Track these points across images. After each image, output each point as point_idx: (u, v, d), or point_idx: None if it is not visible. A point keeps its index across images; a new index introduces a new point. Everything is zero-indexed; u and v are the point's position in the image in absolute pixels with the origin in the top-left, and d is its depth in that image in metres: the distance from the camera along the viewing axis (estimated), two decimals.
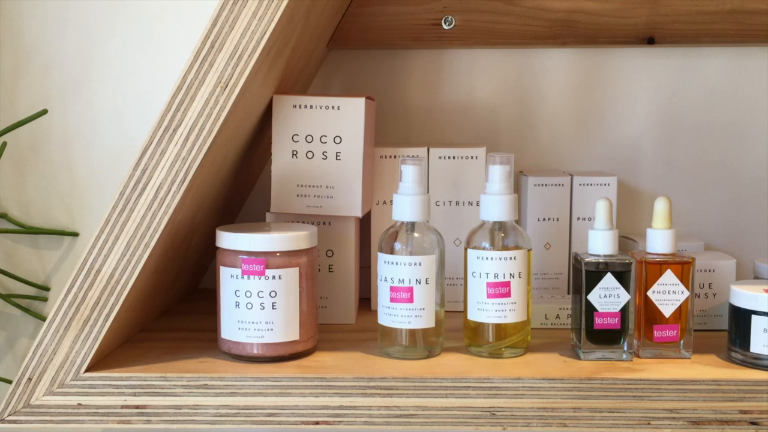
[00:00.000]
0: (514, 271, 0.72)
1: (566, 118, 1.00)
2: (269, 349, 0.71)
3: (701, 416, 0.66)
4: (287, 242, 0.71)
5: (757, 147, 0.99)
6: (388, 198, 0.88)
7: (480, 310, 0.72)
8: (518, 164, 1.01)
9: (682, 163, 1.00)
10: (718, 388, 0.66)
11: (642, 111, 0.99)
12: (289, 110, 0.80)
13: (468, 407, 0.67)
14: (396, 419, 0.67)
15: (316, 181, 0.80)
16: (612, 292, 0.70)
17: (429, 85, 1.00)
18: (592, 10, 0.95)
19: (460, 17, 0.96)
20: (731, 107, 0.99)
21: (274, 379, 0.67)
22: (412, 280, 0.71)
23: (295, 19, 0.71)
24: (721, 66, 0.98)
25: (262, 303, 0.70)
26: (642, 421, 0.66)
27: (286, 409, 0.67)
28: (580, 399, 0.67)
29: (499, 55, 1.00)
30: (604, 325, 0.71)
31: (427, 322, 0.72)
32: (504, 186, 0.73)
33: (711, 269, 0.80)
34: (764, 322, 0.68)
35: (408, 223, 0.73)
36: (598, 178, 0.92)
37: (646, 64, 0.99)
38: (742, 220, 1.00)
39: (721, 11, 0.94)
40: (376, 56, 1.00)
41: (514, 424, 0.67)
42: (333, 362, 0.71)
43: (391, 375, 0.67)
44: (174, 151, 0.65)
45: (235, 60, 0.64)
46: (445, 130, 1.01)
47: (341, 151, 0.80)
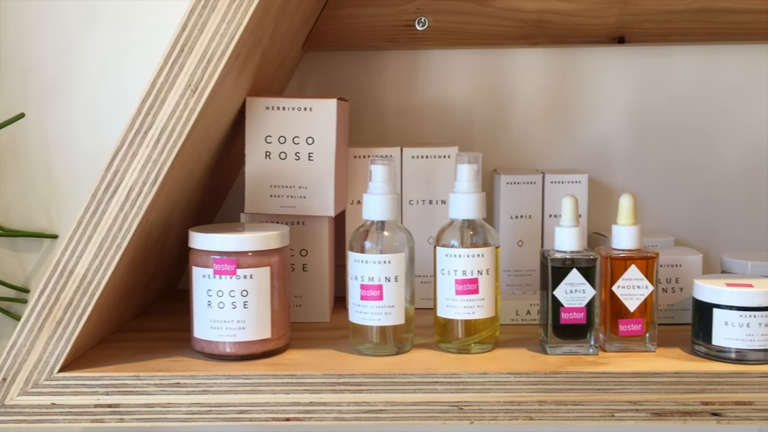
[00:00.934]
0: (482, 268, 0.73)
1: (539, 117, 1.02)
2: (241, 348, 0.72)
3: (664, 408, 0.68)
4: (258, 242, 0.72)
5: (726, 144, 1.01)
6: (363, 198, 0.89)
7: (449, 306, 0.73)
8: (492, 163, 1.02)
9: (653, 160, 1.01)
10: (680, 380, 0.68)
11: (613, 109, 1.01)
12: (262, 112, 0.81)
13: (436, 402, 0.68)
14: (365, 414, 0.68)
15: (289, 182, 0.81)
16: (577, 288, 0.72)
17: (403, 85, 1.02)
18: (562, 10, 0.97)
19: (433, 18, 0.97)
20: (701, 105, 1.01)
21: (245, 376, 0.68)
22: (382, 278, 0.72)
23: (265, 21, 0.72)
24: (690, 64, 1.00)
25: (233, 302, 0.71)
26: (606, 413, 0.68)
27: (257, 406, 0.68)
28: (546, 392, 0.68)
29: (472, 56, 1.01)
30: (570, 320, 0.72)
31: (397, 319, 0.73)
32: (472, 185, 0.74)
33: (678, 264, 0.82)
34: (725, 315, 0.69)
35: (378, 222, 0.74)
36: (569, 176, 0.93)
37: (616, 63, 1.00)
38: (712, 216, 1.01)
39: (690, 10, 0.96)
40: (352, 57, 1.01)
41: (481, 417, 0.68)
42: (304, 359, 0.72)
43: (360, 371, 0.69)
44: (145, 153, 0.66)
45: (204, 63, 0.66)
46: (420, 130, 1.02)
47: (314, 151, 0.81)
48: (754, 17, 0.95)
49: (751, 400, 0.67)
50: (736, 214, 1.01)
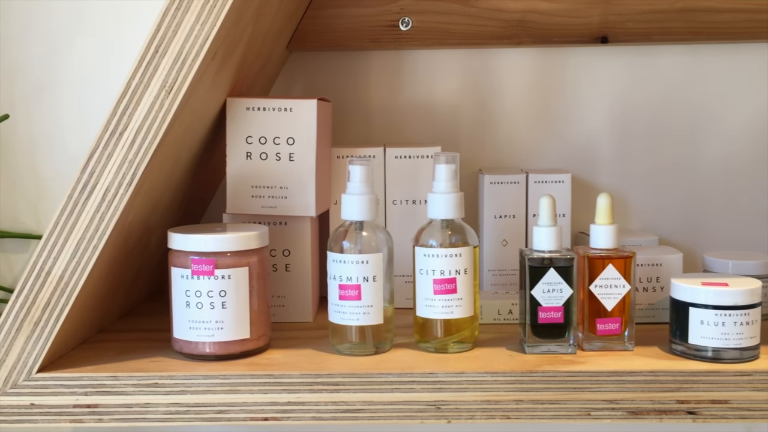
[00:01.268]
0: (460, 268, 0.73)
1: (524, 117, 1.02)
2: (220, 348, 0.72)
3: (640, 406, 0.68)
4: (236, 242, 0.72)
5: (711, 143, 1.01)
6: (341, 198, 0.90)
7: (427, 306, 0.74)
8: (477, 162, 1.02)
9: (637, 159, 1.01)
10: (656, 379, 0.68)
11: (598, 108, 1.01)
12: (243, 112, 0.81)
13: (413, 401, 0.68)
14: (343, 414, 0.69)
15: (271, 182, 0.82)
16: (555, 287, 0.72)
17: (389, 85, 1.02)
18: (545, 10, 0.97)
19: (417, 18, 0.98)
20: (685, 104, 1.01)
21: (223, 376, 0.69)
22: (360, 277, 0.72)
23: (241, 22, 0.72)
24: (674, 63, 1.00)
25: (212, 302, 0.71)
26: (582, 412, 0.68)
27: (236, 406, 0.69)
28: (522, 391, 0.68)
29: (456, 56, 1.01)
30: (548, 319, 0.72)
31: (376, 319, 0.73)
32: (450, 184, 0.75)
33: (658, 263, 0.82)
34: (701, 314, 0.69)
35: (357, 222, 0.74)
36: (552, 176, 0.93)
37: (600, 62, 1.00)
38: (697, 215, 1.01)
39: (673, 9, 0.96)
40: (337, 58, 1.02)
41: (459, 417, 0.68)
42: (284, 359, 0.73)
43: (338, 371, 0.69)
44: (120, 154, 0.67)
45: (179, 64, 0.66)
46: (405, 130, 1.02)
47: (294, 152, 0.81)
48: (736, 16, 0.96)
49: (727, 398, 0.67)
50: (720, 213, 1.01)
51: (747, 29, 0.96)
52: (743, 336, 0.69)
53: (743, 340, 0.69)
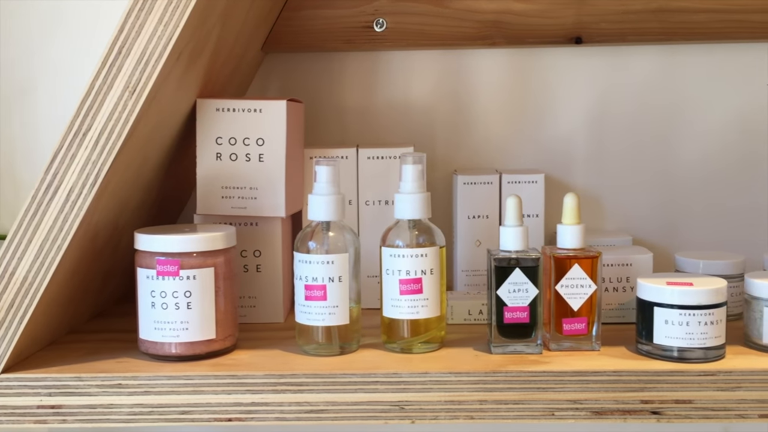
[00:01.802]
0: (426, 268, 0.73)
1: (500, 118, 1.02)
2: (186, 348, 0.72)
3: (604, 406, 0.68)
4: (201, 243, 0.72)
5: (687, 143, 1.01)
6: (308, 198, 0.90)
7: (393, 306, 0.74)
8: (453, 163, 1.03)
9: (613, 159, 1.01)
10: (620, 378, 0.68)
11: (573, 109, 1.01)
12: (213, 113, 0.82)
13: (377, 401, 0.68)
14: (307, 414, 0.69)
15: (240, 183, 0.82)
16: (520, 287, 0.72)
17: (364, 86, 1.02)
18: (520, 11, 0.97)
19: (391, 19, 0.98)
20: (661, 104, 1.01)
21: (187, 377, 0.69)
22: (325, 278, 0.72)
23: (208, 24, 0.72)
24: (649, 64, 1.00)
25: (177, 303, 0.71)
26: (546, 412, 0.68)
27: (199, 407, 0.69)
28: (486, 392, 0.68)
29: (432, 57, 1.01)
30: (514, 319, 0.72)
31: (341, 320, 0.73)
32: (417, 185, 0.75)
33: (628, 263, 0.82)
34: (666, 313, 0.69)
35: (323, 222, 0.74)
36: (526, 176, 0.93)
37: (575, 63, 1.00)
38: (672, 216, 1.02)
39: (647, 10, 0.96)
40: (312, 59, 1.02)
41: (423, 417, 0.68)
42: (250, 360, 0.72)
43: (301, 371, 0.69)
44: (84, 154, 0.67)
45: (142, 65, 0.66)
46: (381, 131, 1.02)
47: (264, 152, 0.81)
48: (710, 17, 0.96)
49: (691, 398, 0.67)
50: (696, 214, 1.01)
51: (722, 30, 0.96)
52: (708, 336, 0.69)
53: (708, 340, 0.69)
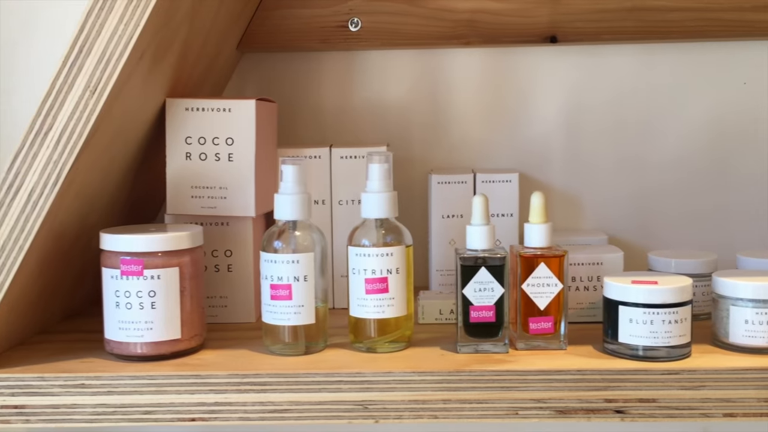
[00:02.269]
0: (392, 267, 0.73)
1: (476, 117, 1.02)
2: (151, 348, 0.72)
3: (568, 405, 0.68)
4: (166, 242, 0.72)
5: (663, 142, 1.01)
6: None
7: (360, 306, 0.73)
8: (430, 163, 1.02)
9: (590, 159, 1.01)
10: (584, 377, 0.67)
11: (550, 108, 1.01)
12: (182, 113, 0.81)
13: (341, 401, 0.68)
14: (270, 414, 0.68)
15: (210, 183, 0.82)
16: (486, 286, 0.72)
17: (341, 86, 1.02)
18: (494, 10, 0.97)
19: (366, 19, 0.97)
20: (637, 103, 1.01)
21: (150, 377, 0.68)
22: (291, 277, 0.72)
23: (172, 22, 0.72)
24: (625, 63, 1.00)
25: (141, 303, 0.71)
26: (510, 411, 0.68)
27: (162, 407, 0.68)
28: (449, 391, 0.68)
29: (408, 56, 1.01)
30: (480, 318, 0.72)
31: (307, 319, 0.73)
32: (383, 184, 0.74)
33: (599, 262, 0.82)
34: (630, 312, 0.69)
35: (290, 221, 0.74)
36: (500, 175, 0.93)
37: (551, 62, 1.00)
38: (649, 215, 1.01)
39: (622, 9, 0.96)
40: (290, 58, 1.02)
41: (386, 416, 0.68)
42: (215, 360, 0.72)
43: (265, 371, 0.69)
44: (46, 154, 0.67)
45: (103, 64, 0.66)
46: (358, 131, 1.02)
47: (234, 152, 0.81)
48: (685, 15, 0.95)
49: (655, 397, 0.67)
50: (672, 212, 1.01)
51: (697, 28, 0.96)
52: (672, 334, 0.68)
53: (672, 339, 0.68)
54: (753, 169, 1.00)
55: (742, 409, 0.67)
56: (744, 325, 0.70)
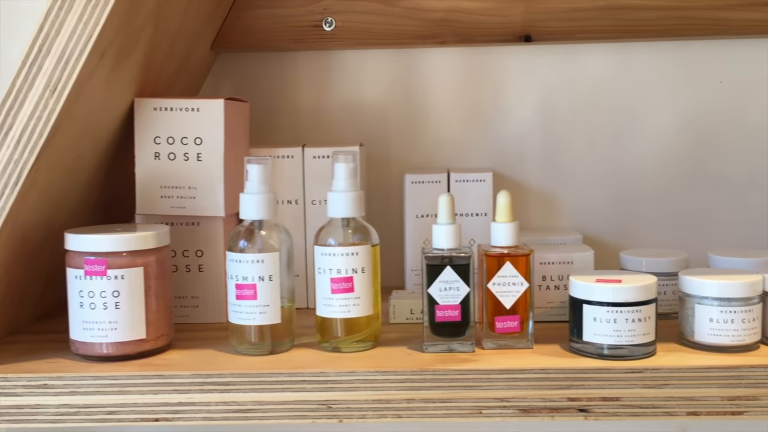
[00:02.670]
0: (357, 266, 0.73)
1: (452, 116, 1.02)
2: (115, 348, 0.72)
3: (531, 404, 0.67)
4: (130, 242, 0.72)
5: (639, 141, 1.00)
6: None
7: (325, 305, 0.73)
8: (407, 163, 1.02)
9: (566, 158, 1.01)
10: (547, 376, 0.67)
11: (526, 107, 1.01)
12: (150, 113, 0.81)
13: (304, 401, 0.68)
14: (234, 414, 0.68)
15: (179, 182, 0.81)
16: (451, 285, 0.72)
17: (317, 86, 1.02)
18: (468, 9, 0.97)
19: (340, 18, 0.97)
20: (613, 103, 1.00)
21: (113, 377, 0.68)
22: (256, 277, 0.72)
23: (135, 22, 0.72)
24: (600, 62, 1.00)
25: (105, 303, 0.71)
26: (474, 410, 0.68)
27: (126, 407, 0.68)
28: (413, 390, 0.68)
29: (383, 56, 1.01)
30: (446, 317, 0.72)
31: (272, 319, 0.73)
32: (349, 183, 0.74)
33: (569, 261, 0.82)
34: (594, 311, 0.69)
35: (256, 221, 0.74)
36: (473, 175, 0.93)
37: (526, 61, 1.00)
38: (625, 214, 1.01)
39: (595, 8, 0.96)
40: (265, 58, 1.02)
41: (350, 416, 0.68)
42: (180, 360, 0.72)
43: (228, 371, 0.68)
44: (6, 154, 0.66)
45: (62, 64, 0.66)
46: (334, 130, 1.02)
47: (202, 152, 0.81)
48: (659, 14, 0.95)
49: (618, 395, 0.67)
50: (649, 212, 1.01)
51: (671, 27, 0.96)
52: (636, 333, 0.68)
53: (636, 337, 0.68)
54: (730, 168, 1.00)
55: (706, 407, 0.67)
56: (709, 323, 0.70)
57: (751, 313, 0.70)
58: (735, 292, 0.69)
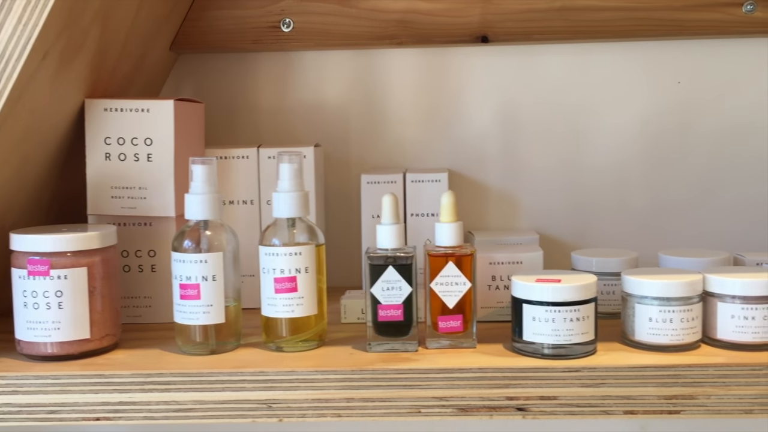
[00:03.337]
0: (300, 266, 0.73)
1: (412, 117, 1.02)
2: (59, 348, 0.72)
3: (470, 403, 0.68)
4: (73, 243, 0.72)
5: (598, 141, 1.01)
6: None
7: (270, 305, 0.74)
8: (367, 163, 1.03)
9: (526, 158, 1.01)
10: (485, 375, 0.68)
11: (485, 108, 1.01)
12: (101, 113, 0.82)
13: (245, 400, 0.68)
14: (175, 413, 0.68)
15: (129, 183, 0.82)
16: (394, 285, 0.72)
17: (277, 87, 1.02)
18: (425, 10, 0.97)
19: (298, 19, 0.98)
20: (571, 103, 1.01)
21: (54, 377, 0.69)
22: (199, 277, 0.72)
23: (80, 23, 0.72)
24: (557, 62, 1.00)
25: (48, 303, 0.71)
26: (413, 409, 0.68)
27: (67, 406, 0.69)
28: (352, 389, 0.68)
29: (343, 56, 1.01)
30: (388, 317, 0.72)
31: (216, 318, 0.73)
32: (294, 183, 0.75)
33: (518, 261, 0.82)
34: (534, 310, 0.69)
35: (201, 221, 0.74)
36: (429, 175, 0.93)
37: (484, 62, 1.01)
38: (584, 214, 1.02)
39: (552, 9, 0.96)
40: (227, 59, 1.02)
41: (290, 415, 0.68)
42: (124, 359, 0.72)
43: (168, 370, 0.69)
44: None
45: (2, 65, 0.66)
46: (295, 131, 1.02)
47: (153, 152, 0.82)
48: (615, 14, 0.96)
49: (556, 394, 0.67)
50: (608, 212, 1.01)
51: (626, 27, 0.96)
52: (574, 332, 0.69)
53: (574, 336, 0.69)
54: (688, 168, 1.01)
55: (643, 406, 0.67)
56: (648, 323, 0.70)
57: (690, 312, 0.70)
58: (673, 291, 0.69)
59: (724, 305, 0.70)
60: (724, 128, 1.00)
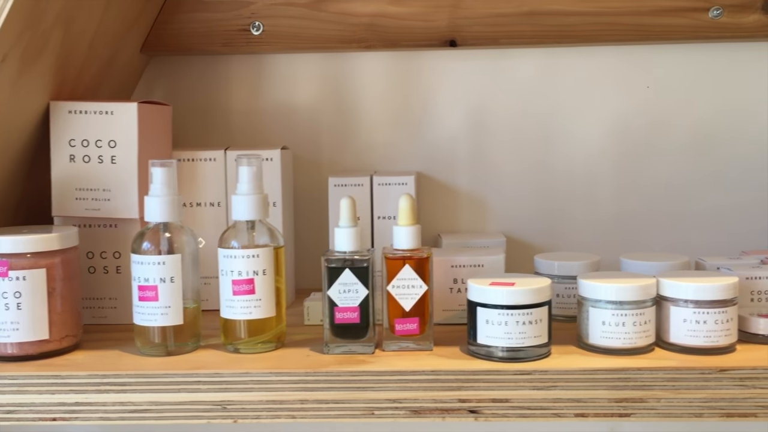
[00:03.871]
0: (258, 269, 0.74)
1: (383, 120, 1.03)
2: (18, 349, 0.72)
3: (422, 405, 0.68)
4: (32, 244, 0.72)
5: (566, 145, 1.01)
6: (186, 200, 0.90)
7: (228, 307, 0.74)
8: (337, 166, 1.03)
9: (495, 161, 1.02)
10: (438, 378, 0.68)
11: (454, 111, 1.02)
12: (66, 116, 0.82)
13: (200, 401, 0.69)
14: (130, 414, 0.69)
15: (94, 185, 0.82)
16: (350, 288, 0.73)
17: (248, 89, 1.03)
18: (394, 14, 0.98)
19: (267, 23, 0.98)
20: (540, 107, 1.01)
21: (11, 377, 0.69)
22: (157, 278, 0.73)
23: (41, 25, 0.73)
24: (526, 67, 1.01)
25: (6, 304, 0.72)
26: (366, 411, 0.68)
27: (24, 406, 0.69)
28: (306, 391, 0.69)
29: (314, 60, 1.02)
30: (345, 319, 0.73)
31: (174, 320, 0.74)
32: (252, 186, 0.75)
33: (480, 264, 0.83)
34: (487, 313, 0.70)
35: (161, 223, 0.75)
36: (396, 178, 0.94)
37: (453, 66, 1.01)
38: (553, 217, 1.02)
39: (519, 13, 0.97)
40: (199, 62, 1.02)
41: (245, 416, 0.69)
42: (82, 360, 0.73)
43: (124, 371, 0.69)
44: None
45: None
46: (266, 133, 1.03)
47: (117, 154, 0.82)
48: (582, 19, 0.96)
49: (507, 397, 0.68)
50: (577, 215, 1.02)
51: (593, 32, 0.97)
52: (526, 335, 0.69)
53: (526, 339, 0.69)
54: (657, 172, 1.01)
55: (594, 409, 0.68)
56: (602, 326, 0.71)
57: (642, 316, 0.70)
58: (627, 295, 0.70)
59: (677, 309, 0.71)
60: (692, 133, 1.01)
